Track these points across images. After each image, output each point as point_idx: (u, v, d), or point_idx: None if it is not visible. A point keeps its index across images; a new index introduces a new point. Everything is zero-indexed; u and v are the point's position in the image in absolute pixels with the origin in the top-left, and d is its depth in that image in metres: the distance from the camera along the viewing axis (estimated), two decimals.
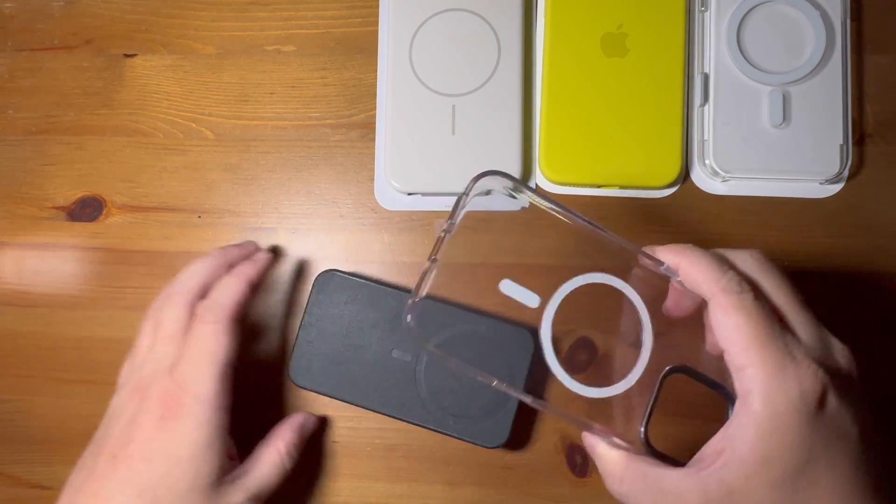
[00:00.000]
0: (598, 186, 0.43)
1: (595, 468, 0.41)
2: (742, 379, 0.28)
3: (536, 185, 0.44)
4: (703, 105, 0.43)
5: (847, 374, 0.29)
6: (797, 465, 0.27)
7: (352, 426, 0.43)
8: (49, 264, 0.46)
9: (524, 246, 0.43)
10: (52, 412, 0.45)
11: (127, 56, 0.47)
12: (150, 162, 0.46)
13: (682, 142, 0.42)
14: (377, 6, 0.46)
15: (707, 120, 0.42)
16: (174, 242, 0.45)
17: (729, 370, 0.29)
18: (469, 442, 0.40)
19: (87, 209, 0.46)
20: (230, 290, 0.38)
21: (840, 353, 0.29)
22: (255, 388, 0.43)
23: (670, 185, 0.43)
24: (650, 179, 0.42)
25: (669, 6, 0.43)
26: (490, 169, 0.32)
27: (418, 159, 0.43)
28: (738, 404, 0.28)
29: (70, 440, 0.44)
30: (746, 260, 0.30)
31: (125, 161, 0.46)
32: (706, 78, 0.43)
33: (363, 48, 0.46)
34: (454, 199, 0.43)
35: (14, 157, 0.47)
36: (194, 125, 0.46)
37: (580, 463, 0.42)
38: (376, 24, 0.46)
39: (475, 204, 0.44)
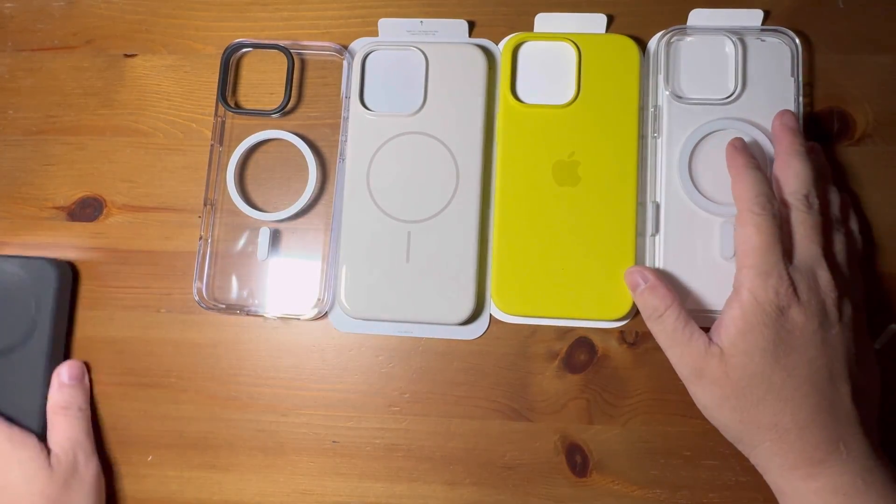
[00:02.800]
0: (552, 318, 0.42)
1: (595, 468, 0.42)
2: (739, 275, 0.37)
3: (491, 315, 0.43)
4: (654, 235, 0.41)
5: (819, 303, 0.36)
6: (764, 343, 0.35)
7: (352, 426, 0.43)
8: None
9: None
10: None
11: (127, 56, 0.47)
12: (150, 162, 0.46)
13: None
14: (377, 7, 0.46)
15: (658, 250, 0.41)
16: (174, 242, 0.45)
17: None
18: None
19: (87, 209, 0.46)
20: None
21: (824, 290, 0.36)
22: None
23: (622, 319, 0.41)
24: (603, 313, 0.41)
25: (621, 133, 0.42)
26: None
27: (371, 286, 0.42)
28: (730, 296, 0.37)
29: None
30: (795, 189, 0.38)
31: (125, 161, 0.46)
32: (657, 207, 0.41)
33: None
34: (407, 325, 0.43)
35: (14, 157, 0.47)
36: (194, 125, 0.46)
37: (580, 463, 0.42)
38: (376, 24, 0.46)
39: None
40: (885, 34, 0.44)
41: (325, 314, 0.44)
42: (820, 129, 0.43)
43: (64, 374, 0.43)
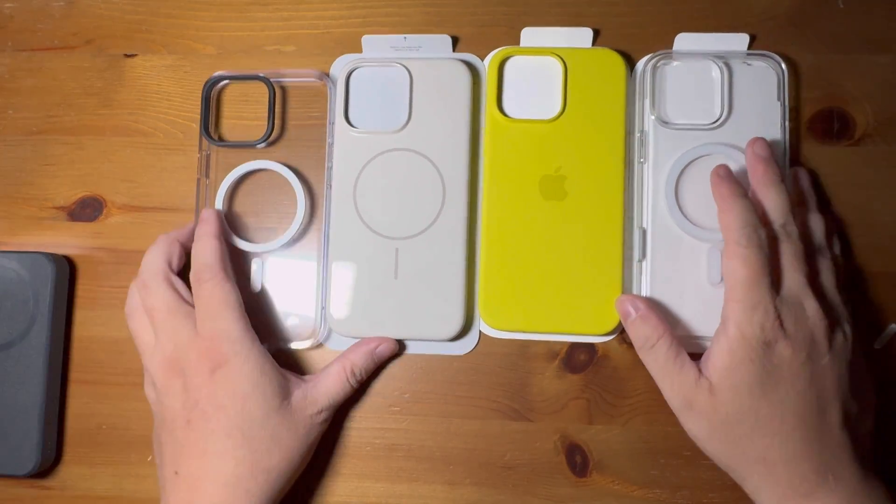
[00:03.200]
0: (540, 332, 0.42)
1: (595, 468, 0.42)
2: (726, 308, 0.36)
3: (480, 330, 0.43)
4: (641, 260, 0.41)
5: (807, 335, 0.36)
6: (751, 378, 0.35)
7: (352, 426, 0.43)
8: None
9: None
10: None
11: (127, 56, 0.47)
12: (150, 162, 0.46)
13: (622, 291, 0.41)
14: (377, 7, 0.46)
15: (645, 276, 0.41)
16: None
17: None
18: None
19: (87, 209, 0.46)
20: (207, 249, 0.41)
21: (812, 321, 0.36)
22: None
23: (609, 333, 0.42)
24: (590, 327, 0.41)
25: (608, 146, 0.42)
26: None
27: (360, 303, 0.42)
28: (718, 328, 0.37)
29: (70, 439, 0.44)
30: (772, 219, 0.37)
31: (125, 161, 0.46)
32: (644, 233, 0.41)
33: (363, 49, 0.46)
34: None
35: (14, 157, 0.47)
36: (194, 125, 0.46)
37: (580, 463, 0.42)
38: (377, 24, 0.46)
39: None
40: (885, 34, 0.44)
41: (321, 344, 0.44)
42: (820, 129, 0.43)
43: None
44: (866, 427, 0.37)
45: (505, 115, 0.43)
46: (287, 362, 0.43)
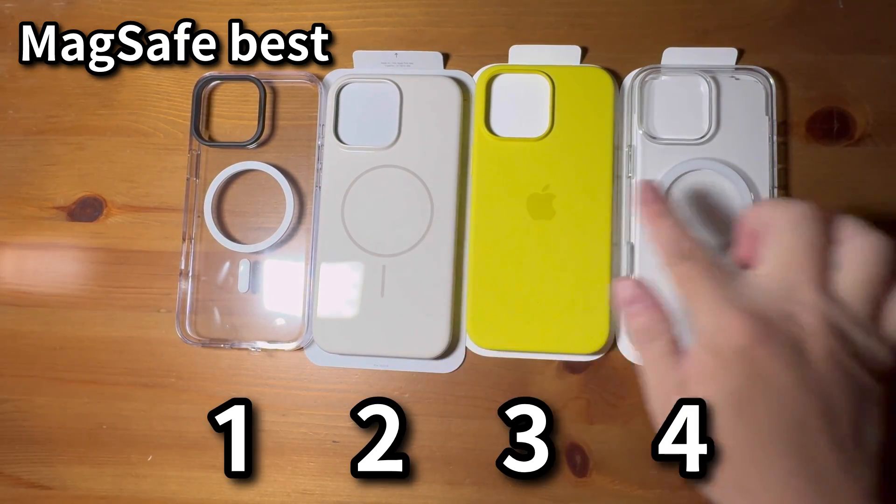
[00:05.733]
0: (527, 352, 0.42)
1: (595, 468, 0.42)
2: (690, 320, 0.33)
3: (466, 348, 0.43)
4: (629, 276, 0.41)
5: (791, 338, 0.30)
6: (723, 393, 0.30)
7: (352, 426, 0.43)
8: (49, 264, 0.46)
9: None
10: (52, 412, 0.45)
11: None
12: (150, 162, 0.46)
13: (610, 309, 0.41)
14: (378, 7, 0.46)
15: None
16: (174, 242, 0.45)
17: None
18: None
19: (87, 209, 0.46)
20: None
21: (807, 318, 0.30)
22: None
23: (598, 352, 0.41)
24: (578, 346, 0.41)
25: (596, 165, 0.42)
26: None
27: (346, 319, 0.42)
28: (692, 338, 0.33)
29: (70, 440, 0.44)
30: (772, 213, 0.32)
31: (125, 161, 0.46)
32: (632, 248, 0.41)
33: (363, 49, 0.46)
34: (382, 360, 0.43)
35: (14, 157, 0.47)
36: None
37: (580, 463, 0.42)
38: (376, 24, 0.46)
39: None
40: (885, 34, 0.44)
41: (312, 342, 0.44)
42: (820, 129, 0.43)
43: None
44: (872, 444, 0.30)
45: (493, 133, 0.43)
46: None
